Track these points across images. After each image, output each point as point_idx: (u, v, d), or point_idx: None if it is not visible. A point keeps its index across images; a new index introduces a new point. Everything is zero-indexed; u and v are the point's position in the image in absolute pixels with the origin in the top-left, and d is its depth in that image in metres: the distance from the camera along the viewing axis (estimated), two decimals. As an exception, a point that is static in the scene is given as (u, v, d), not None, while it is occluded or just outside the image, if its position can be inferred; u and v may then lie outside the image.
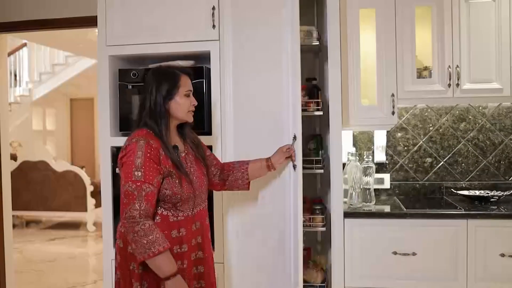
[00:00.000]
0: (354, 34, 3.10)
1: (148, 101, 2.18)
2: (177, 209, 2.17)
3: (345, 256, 2.88)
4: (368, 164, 3.12)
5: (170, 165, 2.13)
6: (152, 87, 2.18)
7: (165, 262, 2.03)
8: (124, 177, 2.06)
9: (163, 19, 2.98)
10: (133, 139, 2.11)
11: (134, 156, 2.05)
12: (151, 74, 2.24)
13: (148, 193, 2.03)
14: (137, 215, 1.99)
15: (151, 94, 2.17)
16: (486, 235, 2.81)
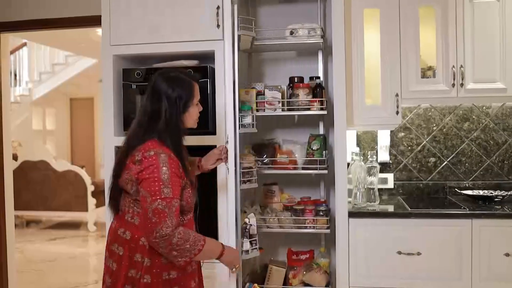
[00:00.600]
0: (358, 34, 3.10)
1: (163, 112, 2.11)
2: (184, 213, 2.17)
3: (350, 256, 2.88)
4: (373, 164, 3.12)
5: (185, 177, 2.13)
6: (168, 97, 2.12)
7: (211, 246, 2.13)
8: (151, 194, 1.98)
9: (167, 19, 2.98)
10: (150, 152, 2.04)
11: (159, 172, 2.00)
12: (163, 80, 2.16)
13: (176, 207, 2.02)
14: (171, 231, 1.96)
15: (168, 104, 2.11)
16: (491, 235, 2.81)
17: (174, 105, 2.12)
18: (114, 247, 2.18)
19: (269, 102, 3.02)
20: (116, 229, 2.19)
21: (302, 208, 3.01)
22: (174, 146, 2.12)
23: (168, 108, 2.11)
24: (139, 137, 2.12)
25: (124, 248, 2.13)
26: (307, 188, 3.32)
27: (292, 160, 3.06)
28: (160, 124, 2.11)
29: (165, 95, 2.12)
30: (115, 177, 2.18)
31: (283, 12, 3.32)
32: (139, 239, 2.10)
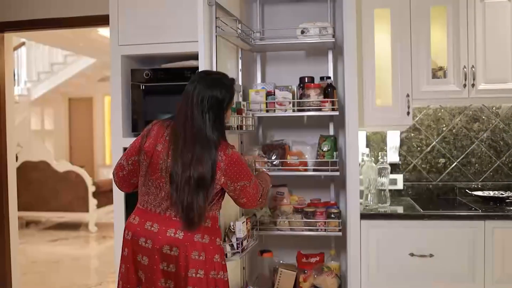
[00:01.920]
0: (369, 34, 3.07)
1: (218, 112, 2.20)
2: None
3: (361, 258, 2.85)
4: (383, 165, 3.09)
5: None
6: (219, 97, 2.19)
7: (266, 183, 2.52)
8: (246, 178, 2.24)
9: (174, 18, 2.98)
10: (229, 150, 2.19)
11: (243, 161, 2.24)
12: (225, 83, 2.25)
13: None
14: (263, 195, 2.38)
15: (218, 104, 2.19)
16: (504, 236, 2.79)
17: (223, 107, 2.22)
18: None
19: (280, 102, 2.99)
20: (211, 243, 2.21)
21: (313, 210, 2.98)
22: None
23: (218, 111, 2.19)
24: (208, 146, 2.15)
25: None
26: (316, 189, 3.29)
27: (303, 161, 3.03)
28: (220, 127, 2.22)
29: (217, 98, 2.19)
30: (200, 192, 2.13)
31: (292, 12, 3.29)
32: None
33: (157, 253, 2.13)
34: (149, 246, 2.14)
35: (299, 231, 3.00)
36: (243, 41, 2.89)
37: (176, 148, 2.14)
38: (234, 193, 2.25)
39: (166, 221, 2.15)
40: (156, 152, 2.17)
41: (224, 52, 2.77)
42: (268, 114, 3.03)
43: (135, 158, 2.26)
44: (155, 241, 2.13)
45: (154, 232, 2.14)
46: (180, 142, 2.14)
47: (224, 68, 2.74)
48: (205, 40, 2.50)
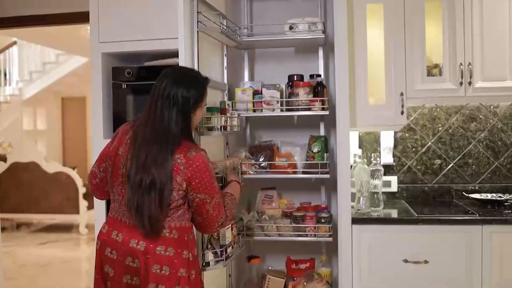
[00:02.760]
0: (361, 31, 2.95)
1: (183, 109, 2.03)
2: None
3: (353, 265, 2.73)
4: (376, 166, 2.97)
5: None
6: (185, 93, 2.03)
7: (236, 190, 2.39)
8: (211, 192, 2.03)
9: (156, 15, 2.86)
10: (192, 151, 2.00)
11: (208, 168, 2.02)
12: (179, 76, 2.08)
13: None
14: (225, 221, 2.13)
15: (184, 101, 2.03)
16: (502, 241, 2.66)
17: (189, 104, 2.04)
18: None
19: (267, 102, 2.86)
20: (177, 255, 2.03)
21: (302, 214, 2.85)
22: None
23: (184, 108, 2.03)
24: (168, 144, 1.98)
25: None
26: (307, 192, 3.16)
27: (292, 163, 2.89)
28: (184, 125, 2.03)
29: (182, 95, 2.02)
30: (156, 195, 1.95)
31: (283, 8, 3.16)
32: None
33: (121, 265, 1.99)
34: (114, 257, 2.00)
35: (287, 236, 2.86)
36: (228, 37, 2.75)
37: (134, 148, 1.98)
38: (193, 207, 2.06)
39: (130, 231, 1.99)
40: (118, 156, 2.03)
41: (207, 48, 2.64)
42: (254, 114, 2.90)
43: (105, 164, 2.12)
44: (119, 252, 1.99)
45: (119, 242, 2.00)
46: (138, 141, 1.99)
47: (207, 65, 2.61)
48: (186, 36, 2.37)
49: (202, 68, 2.42)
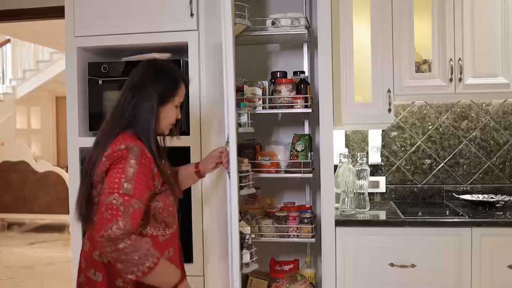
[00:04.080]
0: (347, 25, 2.83)
1: (139, 103, 1.87)
2: (166, 226, 1.93)
3: (337, 269, 2.62)
4: (362, 166, 2.86)
5: (160, 180, 1.87)
6: (148, 84, 1.89)
7: (168, 270, 1.81)
8: (109, 186, 1.73)
9: (136, 7, 2.74)
10: (121, 146, 1.79)
11: (125, 164, 1.75)
12: (148, 67, 1.95)
13: (135, 210, 1.73)
14: (120, 234, 1.66)
15: (145, 91, 1.88)
16: (493, 244, 2.55)
17: (154, 93, 1.88)
18: (90, 273, 1.89)
19: (249, 99, 2.75)
20: (90, 252, 1.89)
21: (285, 215, 2.74)
22: (148, 142, 1.86)
23: (147, 96, 1.88)
24: (110, 131, 1.87)
25: (102, 273, 1.87)
26: (292, 192, 3.05)
27: (274, 162, 2.78)
28: (134, 116, 1.87)
29: (146, 82, 1.90)
30: (85, 181, 1.87)
31: (264, 2, 3.05)
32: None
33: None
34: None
35: (269, 237, 2.76)
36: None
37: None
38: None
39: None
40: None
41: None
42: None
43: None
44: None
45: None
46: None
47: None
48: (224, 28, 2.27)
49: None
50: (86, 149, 2.67)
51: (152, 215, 1.87)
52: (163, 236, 1.92)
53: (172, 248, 1.97)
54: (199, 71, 2.66)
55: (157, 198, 1.87)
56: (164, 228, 1.92)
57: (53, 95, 10.98)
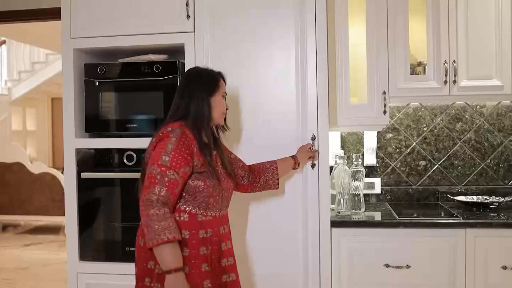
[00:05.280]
0: (342, 27, 2.85)
1: (191, 97, 2.10)
2: (207, 207, 2.07)
3: (332, 269, 2.63)
4: (358, 168, 2.87)
5: (203, 160, 2.04)
6: (195, 84, 2.12)
7: (172, 253, 1.88)
8: (152, 160, 1.97)
9: (132, 9, 2.74)
10: (168, 128, 2.03)
11: (167, 141, 1.97)
12: (190, 73, 2.20)
13: (171, 180, 1.92)
14: (155, 200, 1.88)
15: (195, 90, 2.10)
16: (487, 245, 2.57)
17: (200, 90, 2.11)
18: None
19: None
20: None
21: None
22: (197, 128, 2.07)
23: (194, 95, 2.10)
24: (165, 121, 2.14)
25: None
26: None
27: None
28: (185, 106, 2.09)
29: (191, 84, 2.12)
30: (142, 164, 2.13)
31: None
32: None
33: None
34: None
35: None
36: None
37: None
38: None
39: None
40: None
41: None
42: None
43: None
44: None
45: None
46: None
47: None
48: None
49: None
50: (83, 150, 2.74)
51: (192, 193, 2.02)
52: (203, 215, 2.05)
53: (211, 230, 2.08)
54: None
55: (198, 177, 2.03)
56: (205, 208, 2.05)
57: (48, 97, 10.95)
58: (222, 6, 2.64)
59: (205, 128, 2.09)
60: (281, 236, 2.62)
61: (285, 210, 2.62)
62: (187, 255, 1.99)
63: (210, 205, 2.06)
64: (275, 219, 2.62)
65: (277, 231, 2.62)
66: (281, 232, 2.62)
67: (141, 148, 2.69)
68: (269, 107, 2.62)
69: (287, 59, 2.61)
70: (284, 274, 2.63)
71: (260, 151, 2.58)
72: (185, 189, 2.01)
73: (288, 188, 2.61)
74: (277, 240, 2.62)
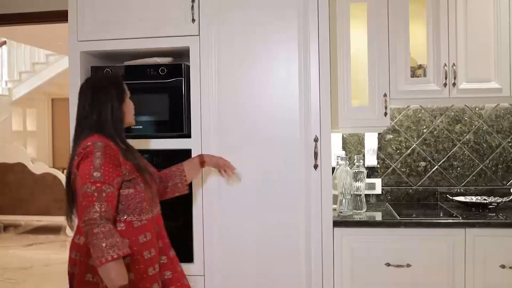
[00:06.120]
0: (344, 30, 2.91)
1: (103, 107, 2.10)
2: (141, 212, 2.08)
3: (334, 268, 2.68)
4: (359, 168, 2.92)
5: (130, 167, 2.06)
6: (104, 94, 2.12)
7: (118, 269, 1.86)
8: (81, 179, 1.92)
9: (138, 12, 2.78)
10: (87, 143, 2.00)
11: (92, 157, 1.95)
12: (95, 82, 2.19)
13: (108, 194, 1.92)
14: (98, 217, 1.85)
15: (105, 100, 2.11)
16: (486, 245, 2.62)
17: (111, 99, 2.12)
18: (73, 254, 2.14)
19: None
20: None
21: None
22: (116, 136, 2.08)
23: (107, 104, 2.10)
24: (79, 136, 2.11)
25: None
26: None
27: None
28: (98, 118, 2.09)
29: (96, 97, 2.11)
30: (67, 182, 2.13)
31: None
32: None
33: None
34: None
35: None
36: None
37: None
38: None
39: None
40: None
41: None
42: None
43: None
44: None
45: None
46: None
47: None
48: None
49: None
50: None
51: (124, 202, 2.04)
52: (138, 221, 2.07)
53: (149, 233, 2.10)
54: (200, 75, 2.71)
55: (127, 185, 2.04)
56: (139, 213, 2.07)
57: (49, 97, 10.98)
58: (227, 10, 2.69)
59: (122, 135, 2.13)
60: (284, 236, 2.67)
61: (288, 210, 2.66)
62: (131, 263, 2.00)
63: (144, 209, 2.09)
64: (279, 219, 2.67)
65: (280, 231, 2.67)
66: (284, 232, 2.67)
67: (146, 149, 2.75)
68: (272, 108, 2.66)
69: (291, 62, 2.65)
70: (287, 273, 2.67)
71: (263, 151, 2.64)
72: (118, 200, 2.02)
73: (291, 188, 2.66)
74: (280, 240, 2.67)
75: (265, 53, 2.67)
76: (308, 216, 2.65)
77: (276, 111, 2.66)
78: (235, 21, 2.68)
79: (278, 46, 2.66)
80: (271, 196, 2.66)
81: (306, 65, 2.64)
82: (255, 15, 2.68)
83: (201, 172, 2.67)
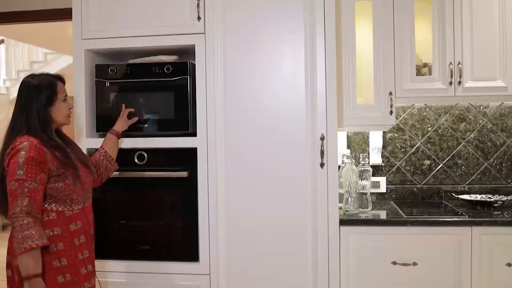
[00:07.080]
0: (349, 28, 2.90)
1: (30, 109, 2.20)
2: (72, 203, 2.23)
3: (341, 266, 2.68)
4: (365, 167, 2.92)
5: (57, 164, 2.17)
6: (33, 96, 2.21)
7: (31, 260, 2.02)
8: (8, 177, 2.09)
9: (143, 10, 2.77)
10: (16, 143, 2.13)
11: (17, 156, 2.09)
12: (27, 84, 2.26)
13: (30, 189, 2.06)
14: (19, 211, 2.01)
15: (33, 102, 2.21)
16: (492, 243, 2.62)
17: (39, 101, 2.21)
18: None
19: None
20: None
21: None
22: (46, 137, 2.19)
23: (34, 105, 2.20)
24: (10, 136, 2.21)
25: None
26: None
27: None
28: (30, 120, 2.19)
29: (30, 95, 2.22)
30: (1, 181, 2.19)
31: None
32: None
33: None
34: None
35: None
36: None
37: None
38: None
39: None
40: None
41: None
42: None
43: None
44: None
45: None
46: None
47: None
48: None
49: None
50: (94, 150, 2.78)
51: (55, 194, 2.17)
52: (69, 211, 2.22)
53: (80, 222, 2.26)
54: (205, 74, 2.70)
55: (56, 179, 2.17)
56: (70, 204, 2.22)
57: (47, 96, 10.94)
58: (232, 7, 2.68)
59: (50, 134, 2.23)
60: (291, 234, 2.67)
61: (295, 209, 2.66)
62: (63, 249, 2.16)
63: (75, 200, 2.24)
64: (285, 218, 2.67)
65: (287, 229, 2.67)
66: (291, 230, 2.67)
67: (152, 148, 2.74)
68: (279, 107, 2.66)
69: (297, 60, 2.65)
70: (293, 271, 2.67)
71: (269, 149, 2.64)
72: (47, 192, 2.16)
73: (298, 187, 2.65)
74: (286, 238, 2.67)
75: (272, 52, 2.66)
76: (315, 215, 2.64)
77: (283, 109, 2.66)
78: (240, 19, 2.67)
79: (285, 44, 2.66)
80: (278, 195, 2.66)
81: (313, 63, 2.63)
82: (261, 14, 2.67)
83: (207, 171, 2.67)
